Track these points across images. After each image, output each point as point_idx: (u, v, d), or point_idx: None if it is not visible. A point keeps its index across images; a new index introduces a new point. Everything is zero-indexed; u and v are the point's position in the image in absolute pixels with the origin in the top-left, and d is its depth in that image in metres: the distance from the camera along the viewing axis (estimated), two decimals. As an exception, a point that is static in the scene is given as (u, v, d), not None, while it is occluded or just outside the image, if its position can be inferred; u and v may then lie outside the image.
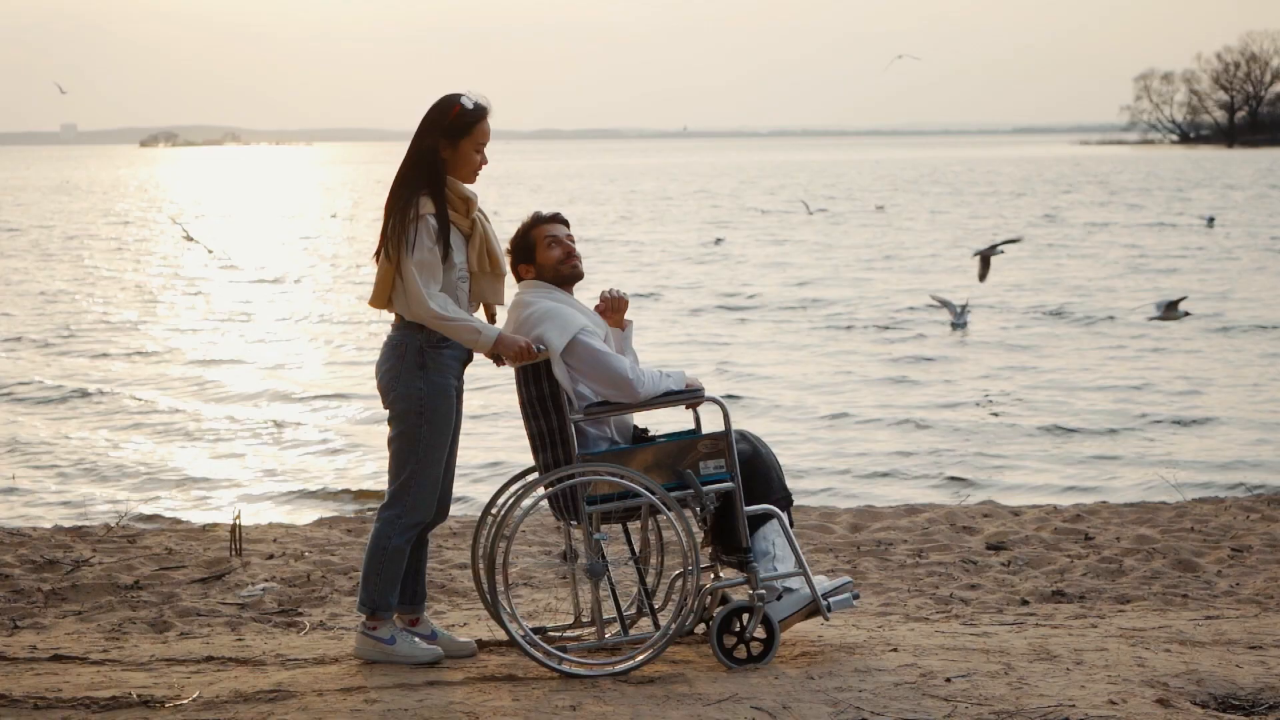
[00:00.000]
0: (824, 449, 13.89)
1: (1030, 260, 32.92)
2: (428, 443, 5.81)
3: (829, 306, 25.19)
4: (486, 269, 5.87)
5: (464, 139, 5.82)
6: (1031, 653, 6.01)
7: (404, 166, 5.85)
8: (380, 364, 5.88)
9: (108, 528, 9.35)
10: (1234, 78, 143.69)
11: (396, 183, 5.84)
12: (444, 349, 5.80)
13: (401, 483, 5.83)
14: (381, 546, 5.85)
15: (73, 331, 22.84)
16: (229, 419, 15.57)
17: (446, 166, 5.81)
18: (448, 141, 5.81)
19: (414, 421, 5.79)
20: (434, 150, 5.79)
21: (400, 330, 5.83)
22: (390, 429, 5.87)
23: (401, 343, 5.81)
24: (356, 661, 6.00)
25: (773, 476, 6.06)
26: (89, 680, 5.78)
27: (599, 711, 5.24)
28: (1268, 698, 5.51)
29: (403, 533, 5.85)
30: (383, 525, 5.86)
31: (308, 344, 21.81)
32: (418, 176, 5.79)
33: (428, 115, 5.85)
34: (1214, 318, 22.54)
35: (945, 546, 8.59)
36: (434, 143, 5.79)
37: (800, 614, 5.95)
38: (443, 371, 5.81)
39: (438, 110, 5.83)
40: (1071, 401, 16.08)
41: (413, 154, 5.83)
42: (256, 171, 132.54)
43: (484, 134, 5.86)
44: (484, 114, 5.85)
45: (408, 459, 5.82)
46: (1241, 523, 9.15)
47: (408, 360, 5.79)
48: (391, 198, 5.83)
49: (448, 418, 5.85)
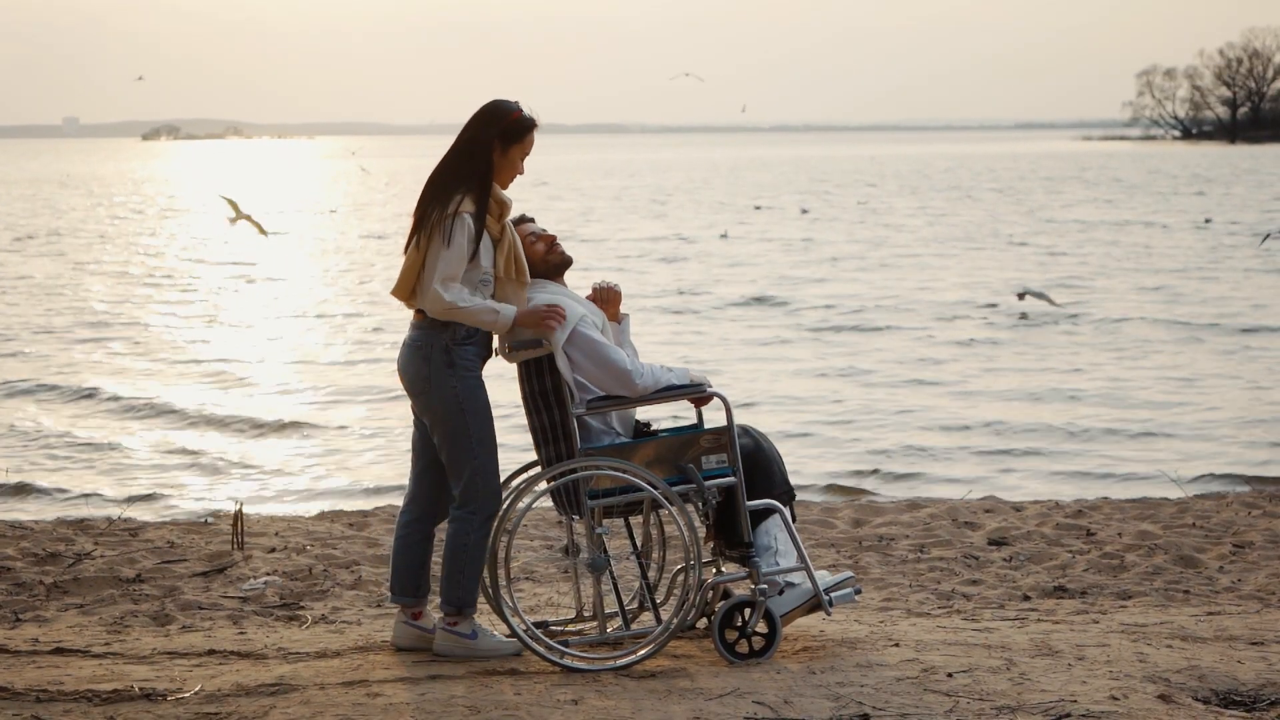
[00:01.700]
0: (823, 446, 13.89)
1: (1027, 258, 32.91)
2: (478, 435, 5.81)
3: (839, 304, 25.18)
4: (512, 275, 5.89)
5: (515, 145, 5.86)
6: (1033, 648, 6.01)
7: (451, 160, 5.83)
8: (406, 367, 5.87)
9: (109, 521, 9.35)
10: (1236, 74, 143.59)
11: (440, 175, 5.82)
12: (468, 345, 5.80)
13: (467, 481, 5.84)
14: (461, 544, 5.87)
15: (72, 326, 22.84)
16: (231, 412, 15.56)
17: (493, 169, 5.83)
18: (500, 144, 5.82)
19: (459, 420, 5.80)
20: (488, 149, 5.80)
21: (423, 330, 5.82)
22: (435, 434, 5.86)
23: (426, 343, 5.81)
24: (359, 655, 6.00)
25: (775, 471, 6.06)
26: (91, 673, 5.78)
27: (600, 706, 5.25)
28: (1269, 693, 5.51)
29: (479, 528, 5.86)
30: (459, 525, 5.87)
31: (309, 337, 21.80)
32: (466, 173, 5.78)
33: (483, 114, 5.86)
34: (1214, 316, 22.52)
35: (947, 542, 8.60)
36: (489, 142, 5.80)
37: (802, 609, 5.95)
38: (470, 366, 5.82)
39: (496, 111, 5.85)
40: (1070, 401, 16.07)
41: (463, 150, 5.82)
42: (259, 165, 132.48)
43: (531, 144, 5.91)
44: (535, 125, 5.89)
45: (465, 457, 5.82)
46: (1243, 519, 9.16)
47: (435, 361, 5.79)
48: (433, 189, 5.81)
49: (488, 407, 5.86)
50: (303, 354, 20.08)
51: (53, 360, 19.25)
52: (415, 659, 5.91)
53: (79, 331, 22.13)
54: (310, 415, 15.50)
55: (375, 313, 24.58)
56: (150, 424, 14.98)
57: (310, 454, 13.63)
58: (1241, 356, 18.86)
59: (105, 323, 23.26)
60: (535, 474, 5.99)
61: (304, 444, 14.05)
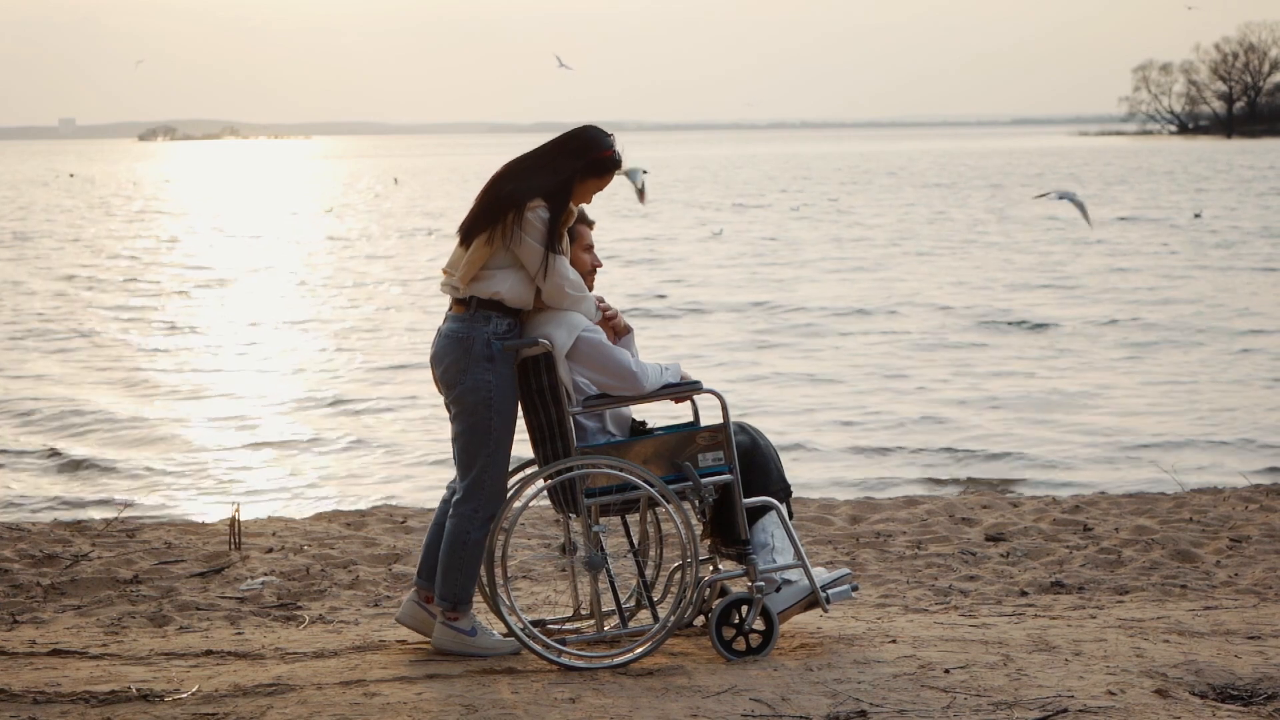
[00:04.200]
0: (823, 443, 13.90)
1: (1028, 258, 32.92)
2: (498, 434, 5.81)
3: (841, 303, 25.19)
4: None
5: (594, 178, 5.88)
6: (1030, 644, 6.01)
7: (532, 165, 5.83)
8: (441, 357, 5.86)
9: (106, 522, 9.35)
10: (1232, 68, 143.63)
11: (517, 177, 5.81)
12: (509, 339, 5.81)
13: (475, 476, 5.84)
14: (461, 541, 5.87)
15: (70, 328, 22.83)
16: (227, 413, 15.57)
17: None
18: (582, 172, 5.84)
19: (484, 414, 5.79)
20: (573, 175, 5.81)
21: (465, 322, 5.82)
22: (455, 423, 5.86)
23: (468, 335, 5.81)
24: (357, 655, 6.00)
25: (771, 468, 6.06)
26: (88, 674, 5.78)
27: (598, 704, 5.25)
28: (1266, 688, 5.51)
29: (481, 526, 5.86)
30: (460, 520, 5.87)
31: (308, 340, 21.80)
32: (547, 185, 5.78)
33: (578, 138, 5.87)
34: (1212, 319, 22.50)
35: (944, 538, 8.60)
36: (575, 169, 5.81)
37: (799, 606, 5.96)
38: (508, 363, 5.82)
39: (590, 140, 5.87)
40: (1069, 397, 16.08)
41: (546, 164, 5.82)
42: (256, 165, 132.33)
43: (609, 183, 5.94)
44: (619, 167, 5.93)
45: (479, 452, 5.83)
46: (1240, 513, 9.16)
47: (475, 352, 5.79)
48: (510, 189, 5.78)
49: (514, 408, 5.86)
50: (302, 356, 20.07)
51: (53, 360, 19.24)
52: (413, 658, 5.91)
53: (76, 333, 22.11)
54: (309, 415, 15.50)
55: (376, 312, 24.58)
56: (147, 425, 14.98)
57: (308, 453, 13.62)
58: (1237, 355, 18.86)
59: (102, 322, 23.25)
60: (532, 472, 6.00)
61: (302, 443, 14.04)
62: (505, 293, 5.79)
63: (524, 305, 5.84)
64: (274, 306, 25.86)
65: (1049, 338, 20.45)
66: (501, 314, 5.82)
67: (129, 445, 13.94)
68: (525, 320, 5.91)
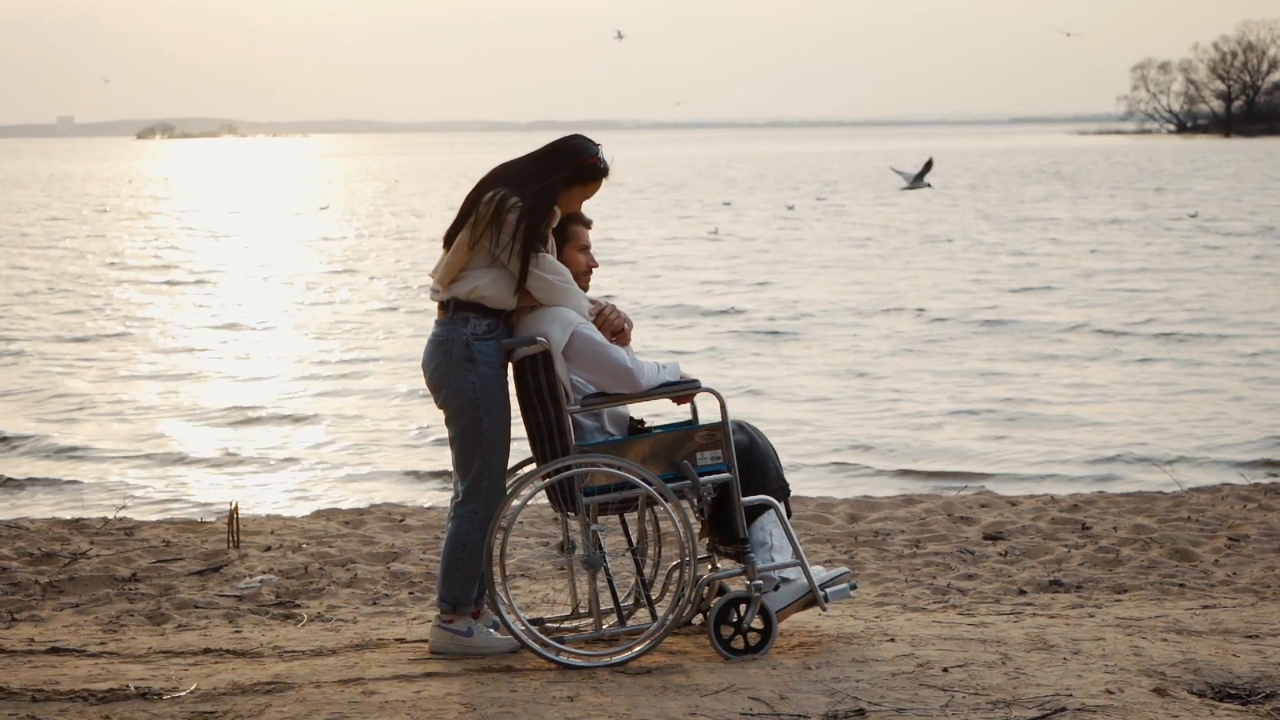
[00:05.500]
0: (823, 441, 13.90)
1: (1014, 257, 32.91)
2: (491, 434, 5.82)
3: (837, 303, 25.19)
4: None
5: (579, 185, 5.88)
6: (1028, 642, 6.01)
7: (519, 171, 5.82)
8: (427, 363, 5.88)
9: (105, 520, 9.34)
10: (1231, 67, 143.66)
11: (504, 180, 5.80)
12: (489, 339, 5.81)
13: (473, 478, 5.84)
14: (461, 543, 5.86)
15: (69, 325, 22.83)
16: (226, 412, 15.56)
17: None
18: (566, 179, 5.83)
19: (473, 415, 5.80)
20: (557, 182, 5.81)
21: (446, 326, 5.83)
22: (449, 428, 5.86)
23: (448, 338, 5.81)
24: (355, 653, 6.01)
25: (770, 467, 6.06)
26: (86, 673, 5.78)
27: (596, 702, 5.25)
28: (1264, 686, 5.51)
29: (481, 527, 5.86)
30: (461, 522, 5.87)
31: (306, 338, 21.79)
32: (530, 190, 5.76)
33: (564, 146, 5.87)
34: (1211, 318, 22.51)
35: (943, 537, 8.60)
36: (559, 176, 5.81)
37: (798, 604, 5.96)
38: (491, 362, 5.82)
39: (575, 148, 5.86)
40: (1069, 397, 16.09)
41: (533, 171, 5.81)
42: (254, 164, 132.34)
43: (595, 190, 5.93)
44: (606, 175, 5.91)
45: (474, 453, 5.83)
46: (1239, 512, 9.16)
47: (455, 355, 5.79)
48: (493, 191, 5.77)
49: (505, 406, 5.86)
50: (301, 354, 20.07)
51: (52, 359, 19.24)
52: (411, 656, 5.91)
53: (76, 330, 22.11)
54: (307, 414, 15.49)
55: (374, 312, 24.58)
56: (145, 422, 14.98)
57: (307, 453, 13.62)
58: (1236, 354, 18.86)
59: (103, 321, 23.25)
60: (530, 471, 5.99)
61: (300, 443, 14.04)
62: (484, 290, 5.78)
63: (505, 305, 5.83)
64: (273, 305, 25.85)
65: (1048, 338, 20.45)
66: (480, 315, 5.81)
67: (128, 442, 13.93)
68: (517, 319, 5.90)
